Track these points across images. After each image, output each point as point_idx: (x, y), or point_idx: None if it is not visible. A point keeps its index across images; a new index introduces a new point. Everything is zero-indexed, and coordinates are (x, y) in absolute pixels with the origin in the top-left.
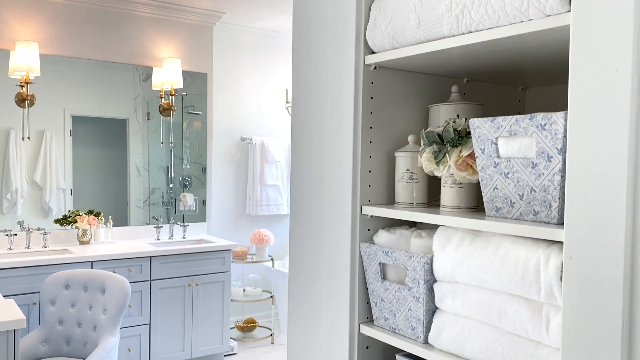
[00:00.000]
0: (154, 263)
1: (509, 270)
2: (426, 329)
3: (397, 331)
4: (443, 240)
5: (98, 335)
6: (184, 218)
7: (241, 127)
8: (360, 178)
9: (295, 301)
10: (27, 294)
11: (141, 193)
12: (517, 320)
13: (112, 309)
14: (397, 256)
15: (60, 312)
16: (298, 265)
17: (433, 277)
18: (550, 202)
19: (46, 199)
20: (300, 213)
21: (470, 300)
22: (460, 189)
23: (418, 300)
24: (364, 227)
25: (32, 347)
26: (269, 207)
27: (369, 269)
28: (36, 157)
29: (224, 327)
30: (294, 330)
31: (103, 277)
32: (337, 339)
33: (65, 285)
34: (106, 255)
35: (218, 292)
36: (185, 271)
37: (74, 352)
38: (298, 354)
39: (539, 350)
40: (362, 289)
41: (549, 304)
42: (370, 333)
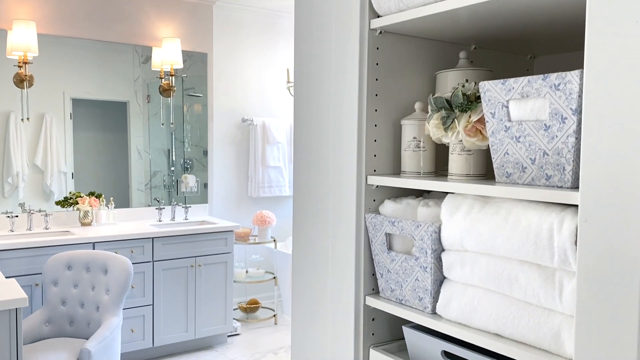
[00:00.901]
0: (156, 244)
1: (521, 236)
2: (434, 299)
3: (404, 302)
4: (451, 208)
5: (101, 316)
6: (186, 200)
7: (242, 108)
8: (365, 147)
9: (300, 274)
10: (29, 275)
11: (142, 176)
12: (528, 287)
13: (115, 289)
14: (403, 226)
15: (63, 292)
16: (302, 238)
17: (441, 246)
18: (563, 165)
19: (47, 182)
20: (303, 185)
21: (479, 269)
22: (469, 156)
23: (425, 270)
24: (370, 198)
25: (35, 328)
26: (270, 189)
27: (375, 240)
28: (36, 140)
29: (227, 308)
30: (298, 303)
31: (105, 257)
32: (342, 312)
33: (67, 266)
34: (108, 237)
35: (221, 273)
36: (187, 252)
37: (77, 332)
38: (303, 327)
39: (552, 318)
40: (367, 261)
41: (562, 269)
42: (376, 305)
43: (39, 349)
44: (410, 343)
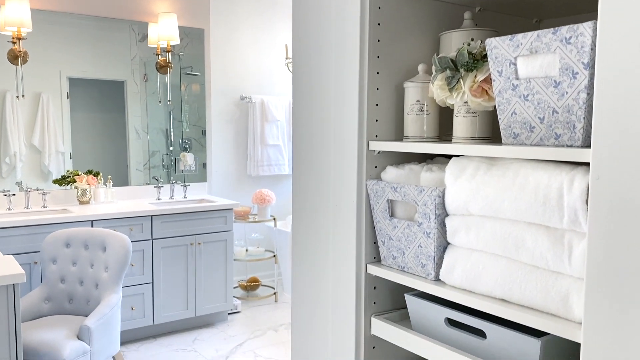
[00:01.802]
0: (155, 222)
1: (529, 197)
2: (437, 265)
3: (406, 270)
4: (456, 171)
5: (100, 293)
6: (185, 178)
7: (240, 86)
8: (366, 112)
9: (300, 244)
10: (27, 253)
11: (141, 156)
12: (536, 250)
13: (114, 267)
14: (406, 191)
15: (62, 270)
16: (302, 207)
17: (445, 211)
18: (574, 123)
19: (45, 162)
20: (303, 151)
21: (485, 233)
22: (475, 118)
23: (429, 236)
24: (371, 164)
25: (34, 305)
26: (270, 168)
27: (377, 206)
28: (33, 120)
29: (227, 285)
30: (298, 273)
31: (104, 235)
32: (343, 280)
33: (65, 244)
34: (106, 215)
35: (220, 251)
36: (186, 230)
37: (76, 309)
38: (303, 297)
39: (560, 281)
40: (369, 228)
41: (571, 230)
42: (378, 272)
43: (39, 326)
44: (412, 311)
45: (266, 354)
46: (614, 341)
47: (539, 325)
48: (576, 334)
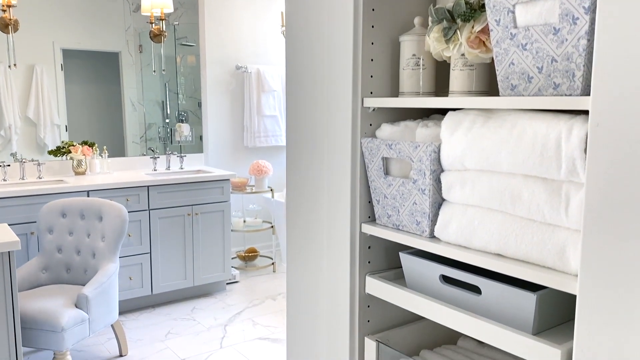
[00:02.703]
0: (151, 192)
1: (526, 148)
2: (432, 222)
3: (401, 228)
4: (452, 125)
5: (97, 262)
6: (181, 149)
7: (236, 55)
8: (361, 68)
9: (294, 204)
10: (24, 223)
11: (137, 128)
12: (532, 203)
13: (110, 236)
14: (401, 148)
15: (59, 240)
16: (296, 167)
17: (440, 167)
18: (573, 71)
19: (41, 135)
20: (297, 111)
21: (480, 188)
22: (471, 71)
23: (424, 193)
24: (366, 122)
25: (32, 275)
26: (267, 139)
27: (371, 165)
28: (28, 92)
29: (225, 256)
30: (293, 233)
31: (99, 204)
32: (338, 240)
33: (62, 214)
34: (102, 185)
35: (218, 221)
36: (183, 201)
37: (74, 279)
38: (299, 257)
39: (556, 234)
40: (363, 187)
41: (569, 182)
42: (372, 231)
43: (37, 295)
44: (407, 269)
45: (264, 322)
46: (610, 293)
47: (534, 279)
48: (572, 286)
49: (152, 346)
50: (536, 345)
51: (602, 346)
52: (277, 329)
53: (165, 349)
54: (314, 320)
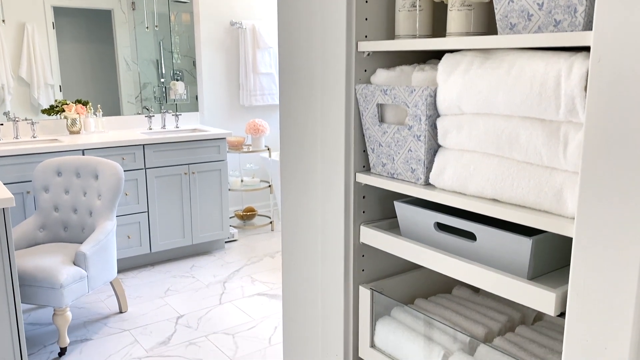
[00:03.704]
0: (147, 151)
1: (524, 88)
2: (427, 169)
3: (396, 176)
4: (449, 68)
5: (94, 220)
6: (176, 108)
7: (230, 11)
8: (355, 9)
9: (288, 156)
10: (19, 182)
11: (132, 88)
12: (530, 146)
13: (107, 194)
14: (396, 93)
15: (55, 199)
16: (289, 116)
17: (436, 112)
18: (575, 6)
19: (35, 95)
20: (288, 59)
21: (477, 132)
22: (469, 11)
23: (419, 139)
24: (360, 68)
25: (29, 233)
26: (263, 97)
27: (366, 112)
28: (19, 51)
29: (223, 215)
30: (287, 182)
31: (95, 163)
32: (332, 190)
33: (57, 172)
34: (98, 144)
35: (215, 180)
36: (180, 160)
37: (71, 237)
38: (292, 207)
39: (553, 177)
40: (358, 136)
41: (568, 122)
42: (367, 180)
43: (35, 253)
44: (401, 218)
45: (263, 278)
46: (607, 235)
47: (531, 222)
48: (569, 229)
49: (151, 302)
50: (531, 289)
51: (596, 289)
52: (275, 285)
53: (164, 305)
54: (309, 271)
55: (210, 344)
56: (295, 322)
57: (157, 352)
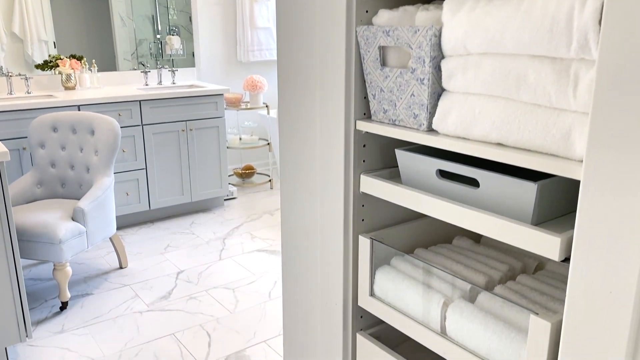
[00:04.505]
0: (144, 107)
1: (534, 24)
2: (430, 114)
3: (398, 122)
4: (455, 6)
5: (92, 177)
6: (173, 63)
7: None
8: None
9: (285, 100)
10: (15, 138)
11: (128, 45)
12: (538, 86)
13: (104, 150)
14: (399, 34)
15: (51, 155)
16: (287, 61)
17: (440, 53)
18: None
19: (28, 51)
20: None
21: (483, 72)
22: None
23: (422, 83)
24: (362, 9)
25: (27, 189)
26: (261, 52)
27: (367, 56)
28: (12, 7)
29: (222, 172)
30: (285, 130)
31: (91, 118)
32: (331, 139)
33: (52, 128)
34: (93, 99)
35: (213, 137)
36: (177, 116)
37: (69, 193)
38: (291, 157)
39: (562, 118)
40: (358, 82)
41: (579, 59)
42: (367, 128)
43: (33, 209)
44: (403, 166)
45: (262, 235)
46: (615, 177)
47: (537, 166)
48: (576, 171)
49: (151, 258)
50: (535, 235)
51: (602, 232)
52: (274, 241)
53: (164, 261)
54: (309, 222)
55: (210, 298)
56: (295, 274)
57: (158, 306)
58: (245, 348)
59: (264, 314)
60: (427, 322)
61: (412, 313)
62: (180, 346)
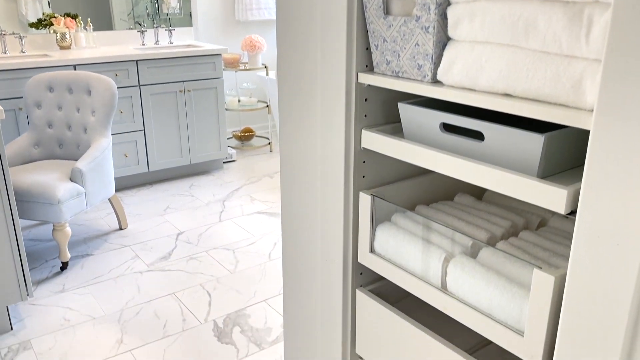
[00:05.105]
0: (140, 67)
1: None
2: (435, 65)
3: (401, 74)
4: None
5: (89, 137)
6: (170, 22)
7: None
8: None
9: (284, 52)
10: (10, 99)
11: (124, 4)
12: (549, 32)
13: (101, 111)
14: None
15: (48, 115)
16: (286, 13)
17: (447, 0)
18: None
19: (22, 11)
20: None
21: (491, 19)
22: None
23: (427, 31)
24: None
25: (24, 150)
26: (259, 11)
27: (369, 4)
28: None
29: (221, 135)
30: (284, 83)
31: (87, 78)
32: (332, 92)
33: (48, 88)
34: (89, 59)
35: (211, 99)
36: (174, 77)
37: (67, 154)
38: (289, 111)
39: (572, 66)
40: (360, 32)
41: (593, 2)
42: (369, 80)
43: (31, 170)
44: (405, 120)
45: (262, 197)
46: (627, 126)
47: (545, 116)
48: (586, 121)
49: (151, 220)
50: (541, 187)
51: (611, 183)
52: (274, 204)
53: (164, 223)
54: (309, 178)
55: (210, 258)
56: (295, 231)
57: (158, 266)
58: (246, 307)
59: (264, 274)
60: (427, 278)
61: (413, 269)
62: (181, 305)
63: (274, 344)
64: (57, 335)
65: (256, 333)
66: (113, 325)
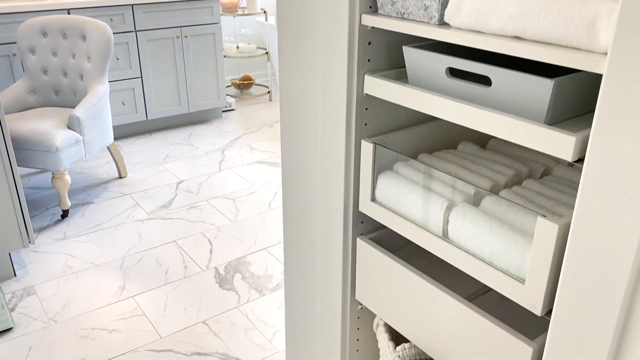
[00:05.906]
0: (136, 12)
1: None
2: (442, 5)
3: (406, 16)
4: None
5: (86, 84)
6: None
7: None
8: None
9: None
10: (3, 44)
11: None
12: None
13: (97, 56)
14: None
15: (43, 61)
16: None
17: None
18: None
19: None
20: None
21: None
22: None
23: None
24: None
25: (20, 97)
26: None
27: None
28: None
29: (219, 82)
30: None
31: (81, 22)
32: (333, 35)
33: (42, 33)
34: (83, 2)
35: (209, 45)
36: (171, 22)
37: (64, 101)
38: (289, 61)
39: (587, 6)
40: None
41: None
42: (374, 22)
43: (27, 117)
44: (410, 65)
45: (262, 147)
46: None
47: (557, 60)
48: (600, 64)
49: (151, 168)
50: (549, 134)
51: (622, 129)
52: (274, 154)
53: (164, 172)
54: (309, 127)
55: (211, 207)
56: (295, 179)
57: (158, 214)
58: (246, 255)
59: (264, 223)
60: (429, 226)
61: (414, 218)
62: (182, 252)
63: (274, 291)
64: (60, 281)
65: (257, 280)
66: (115, 272)
